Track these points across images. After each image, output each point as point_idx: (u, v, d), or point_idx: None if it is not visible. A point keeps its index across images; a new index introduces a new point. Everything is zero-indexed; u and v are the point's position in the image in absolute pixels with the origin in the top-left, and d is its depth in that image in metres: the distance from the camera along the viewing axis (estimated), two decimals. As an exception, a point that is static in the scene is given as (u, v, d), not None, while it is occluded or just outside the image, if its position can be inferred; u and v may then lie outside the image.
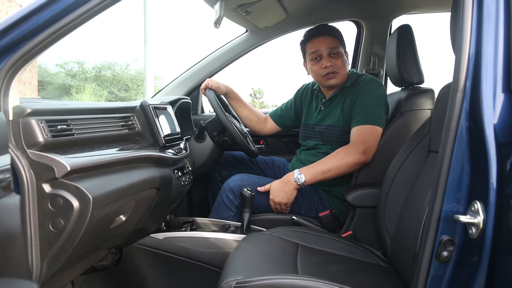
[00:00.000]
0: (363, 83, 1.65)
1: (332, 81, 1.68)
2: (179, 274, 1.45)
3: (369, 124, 1.55)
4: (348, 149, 1.54)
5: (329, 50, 1.65)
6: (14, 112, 0.86)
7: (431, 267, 0.73)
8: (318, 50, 1.66)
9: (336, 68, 1.66)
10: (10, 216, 0.76)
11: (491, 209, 0.67)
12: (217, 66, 2.16)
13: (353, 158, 1.51)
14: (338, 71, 1.66)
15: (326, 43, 1.66)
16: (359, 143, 1.52)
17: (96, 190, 0.93)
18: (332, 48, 1.65)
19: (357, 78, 1.70)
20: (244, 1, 1.64)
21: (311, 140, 1.78)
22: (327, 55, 1.66)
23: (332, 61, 1.66)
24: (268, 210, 1.63)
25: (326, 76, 1.67)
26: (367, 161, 1.53)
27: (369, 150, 1.52)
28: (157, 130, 1.36)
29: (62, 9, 0.86)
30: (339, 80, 1.68)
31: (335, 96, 1.71)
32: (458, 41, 0.75)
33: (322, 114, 1.75)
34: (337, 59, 1.66)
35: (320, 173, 1.53)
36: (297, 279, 0.94)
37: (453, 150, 0.72)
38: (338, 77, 1.67)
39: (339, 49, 1.67)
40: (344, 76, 1.69)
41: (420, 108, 1.55)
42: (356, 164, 1.53)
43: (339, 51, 1.67)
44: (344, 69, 1.68)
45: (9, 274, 0.77)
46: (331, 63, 1.65)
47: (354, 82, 1.69)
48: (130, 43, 21.01)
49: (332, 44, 1.66)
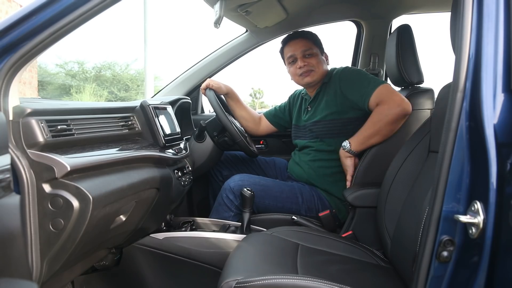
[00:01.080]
0: (338, 73, 1.69)
1: (307, 78, 1.73)
2: (179, 274, 1.44)
3: (377, 87, 1.55)
4: (381, 108, 1.51)
5: (303, 51, 1.72)
6: (14, 112, 0.86)
7: (431, 267, 0.73)
8: (293, 53, 1.74)
9: (311, 67, 1.72)
10: (10, 216, 0.76)
11: (491, 209, 0.67)
12: (217, 66, 2.16)
13: (393, 111, 1.48)
14: (313, 69, 1.72)
15: (300, 45, 1.73)
16: (388, 98, 1.50)
17: (96, 190, 0.93)
18: (305, 50, 1.72)
19: (332, 71, 1.74)
20: (244, 1, 1.64)
21: (300, 139, 1.81)
22: (302, 57, 1.72)
23: (306, 61, 1.72)
24: (268, 210, 1.63)
25: (302, 75, 1.73)
26: (409, 110, 1.49)
27: (402, 100, 1.49)
28: (157, 130, 1.36)
29: (62, 9, 0.86)
30: (314, 77, 1.72)
31: (318, 94, 1.76)
32: (458, 41, 0.75)
33: (309, 113, 1.78)
34: (311, 58, 1.72)
35: (365, 139, 1.54)
36: (297, 279, 0.94)
37: (453, 150, 0.72)
38: (313, 74, 1.72)
39: (313, 49, 1.73)
40: (320, 73, 1.73)
41: (420, 108, 1.55)
42: (400, 116, 1.48)
43: (313, 52, 1.73)
44: (319, 66, 1.72)
45: (9, 274, 0.77)
46: (305, 62, 1.72)
47: (330, 75, 1.73)
48: (130, 43, 21.02)
49: (305, 46, 1.72)
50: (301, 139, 1.80)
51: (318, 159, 1.69)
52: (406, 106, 1.48)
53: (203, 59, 2.18)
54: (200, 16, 18.17)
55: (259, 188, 1.59)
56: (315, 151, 1.71)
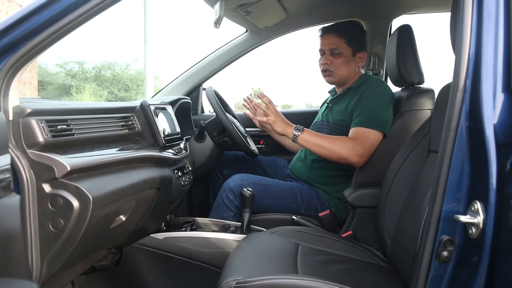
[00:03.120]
0: (368, 85, 1.63)
1: (327, 78, 1.71)
2: (179, 274, 1.44)
3: (370, 128, 1.52)
4: (347, 143, 1.50)
5: (331, 49, 1.67)
6: (14, 112, 0.86)
7: (431, 267, 0.73)
8: (322, 48, 1.71)
9: (332, 67, 1.68)
10: (10, 216, 0.76)
11: (491, 209, 0.67)
12: (217, 66, 2.16)
13: (346, 154, 1.48)
14: (333, 70, 1.68)
15: (330, 42, 1.67)
16: (359, 143, 1.50)
17: (96, 190, 0.93)
18: (334, 48, 1.67)
19: (366, 81, 1.67)
20: (244, 1, 1.64)
21: None
22: (329, 53, 1.68)
23: (330, 59, 1.67)
24: (268, 210, 1.63)
25: (324, 73, 1.72)
26: (357, 164, 1.51)
27: (364, 155, 1.50)
28: (157, 130, 1.36)
29: (62, 9, 0.86)
30: (335, 79, 1.70)
31: (342, 95, 1.72)
32: (458, 41, 0.75)
33: (328, 110, 1.77)
34: (337, 58, 1.67)
35: (313, 143, 1.52)
36: (297, 279, 0.94)
37: (453, 150, 0.72)
38: (333, 75, 1.69)
39: (341, 49, 1.66)
40: (341, 76, 1.69)
41: (420, 108, 1.55)
42: (345, 161, 1.50)
43: (341, 51, 1.66)
44: (342, 69, 1.67)
45: (9, 274, 0.77)
46: (328, 61, 1.68)
47: (361, 84, 1.66)
48: (130, 43, 21.01)
49: (334, 44, 1.66)
50: None
51: (323, 160, 1.65)
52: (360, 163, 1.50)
53: (203, 59, 2.18)
54: (200, 16, 18.17)
55: (259, 188, 1.59)
56: None
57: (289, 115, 1.93)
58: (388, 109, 1.57)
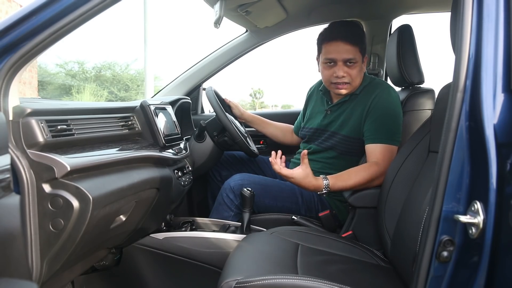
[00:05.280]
0: (377, 92, 1.54)
1: (342, 91, 1.58)
2: (179, 274, 1.44)
3: (389, 144, 1.48)
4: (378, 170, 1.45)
5: (345, 60, 1.53)
6: (14, 112, 0.86)
7: (431, 267, 0.73)
8: (334, 57, 1.54)
9: (349, 79, 1.55)
10: (10, 216, 0.76)
11: (491, 209, 0.67)
12: (217, 66, 2.16)
13: (380, 182, 1.44)
14: (350, 82, 1.56)
15: (344, 51, 1.52)
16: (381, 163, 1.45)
17: (96, 190, 0.93)
18: (350, 59, 1.53)
19: (369, 84, 1.60)
20: (244, 1, 1.64)
21: (314, 144, 1.71)
22: (343, 64, 1.54)
23: (346, 71, 1.53)
24: (268, 210, 1.63)
25: (335, 85, 1.57)
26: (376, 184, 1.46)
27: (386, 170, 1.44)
28: (157, 130, 1.36)
29: (62, 9, 0.86)
30: (349, 90, 1.58)
31: (344, 102, 1.63)
32: (458, 41, 0.75)
33: (328, 119, 1.67)
34: (353, 69, 1.54)
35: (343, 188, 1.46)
36: (297, 279, 0.94)
37: (453, 150, 0.72)
38: (349, 87, 1.57)
39: (356, 58, 1.53)
40: (356, 85, 1.59)
41: (420, 108, 1.55)
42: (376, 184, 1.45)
43: (356, 61, 1.54)
44: (358, 78, 1.57)
45: (9, 274, 0.77)
46: (345, 73, 1.53)
47: (366, 89, 1.59)
48: (130, 43, 21.03)
49: (350, 54, 1.52)
50: (314, 144, 1.71)
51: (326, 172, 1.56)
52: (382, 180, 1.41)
53: (203, 59, 2.18)
54: (200, 16, 18.19)
55: (259, 188, 1.59)
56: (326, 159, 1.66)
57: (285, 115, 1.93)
58: (401, 117, 1.53)
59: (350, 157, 1.63)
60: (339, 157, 1.64)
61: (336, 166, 1.62)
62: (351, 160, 1.62)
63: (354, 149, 1.61)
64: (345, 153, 1.63)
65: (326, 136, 1.68)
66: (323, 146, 1.68)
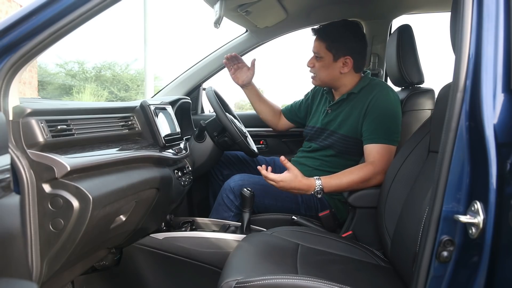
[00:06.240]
0: (375, 92, 1.56)
1: (312, 81, 1.71)
2: (179, 274, 1.44)
3: (387, 144, 1.49)
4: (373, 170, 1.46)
5: (314, 52, 1.66)
6: (14, 112, 0.86)
7: (431, 267, 0.73)
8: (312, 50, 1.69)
9: (313, 71, 1.67)
10: (10, 216, 0.76)
11: (491, 209, 0.67)
12: (217, 66, 2.16)
13: (377, 181, 1.45)
14: (315, 74, 1.67)
15: (314, 45, 1.66)
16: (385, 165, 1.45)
17: (96, 190, 0.93)
18: (315, 52, 1.65)
19: (368, 85, 1.61)
20: (244, 1, 1.64)
21: (314, 143, 1.73)
22: (314, 56, 1.67)
23: (313, 62, 1.66)
24: (268, 210, 1.63)
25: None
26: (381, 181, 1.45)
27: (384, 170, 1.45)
28: (157, 130, 1.36)
29: (62, 9, 0.86)
30: (317, 83, 1.70)
31: (342, 101, 1.65)
32: (458, 41, 0.75)
33: (329, 117, 1.69)
34: (318, 62, 1.65)
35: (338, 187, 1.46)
36: (297, 279, 0.94)
37: (453, 150, 0.72)
38: (315, 79, 1.68)
39: (321, 54, 1.62)
40: (323, 80, 1.66)
41: (420, 108, 1.55)
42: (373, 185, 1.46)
43: (321, 56, 1.62)
44: (321, 73, 1.64)
45: (9, 274, 0.77)
46: (311, 63, 1.67)
47: (364, 89, 1.60)
48: (130, 43, 21.01)
49: (315, 48, 1.64)
50: (315, 143, 1.73)
51: (325, 170, 1.61)
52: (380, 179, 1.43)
53: (203, 59, 2.18)
54: (200, 16, 18.17)
55: (259, 188, 1.59)
56: (325, 157, 1.67)
57: None
58: (400, 117, 1.54)
59: (349, 157, 1.63)
60: (338, 156, 1.65)
61: (335, 164, 1.63)
62: (350, 159, 1.62)
63: (352, 149, 1.62)
64: (343, 152, 1.64)
65: (325, 135, 1.69)
66: (322, 145, 1.70)
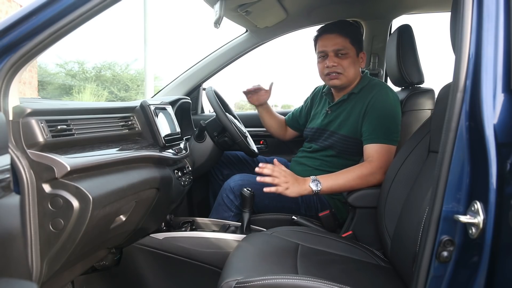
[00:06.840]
0: (374, 92, 1.56)
1: (334, 81, 1.61)
2: (179, 274, 1.44)
3: (386, 144, 1.49)
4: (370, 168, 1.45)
5: (336, 50, 1.58)
6: (14, 112, 0.86)
7: (431, 267, 0.73)
8: (325, 49, 1.60)
9: (340, 69, 1.58)
10: (10, 216, 0.76)
11: (491, 209, 0.67)
12: (217, 66, 2.16)
13: (375, 180, 1.44)
14: (342, 72, 1.59)
15: (334, 42, 1.58)
16: (383, 164, 1.45)
17: (96, 190, 0.93)
18: (339, 49, 1.57)
19: (367, 85, 1.61)
20: (244, 1, 1.64)
21: (315, 144, 1.73)
22: (334, 55, 1.58)
23: (337, 61, 1.58)
24: (268, 210, 1.63)
25: (329, 76, 1.61)
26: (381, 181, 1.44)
27: (383, 170, 1.45)
28: (157, 130, 1.36)
29: (62, 9, 0.86)
30: (343, 81, 1.61)
31: (343, 102, 1.64)
32: (458, 41, 0.75)
33: (329, 118, 1.69)
34: (344, 60, 1.58)
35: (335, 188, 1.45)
36: (297, 279, 0.94)
37: (453, 150, 0.72)
38: (342, 78, 1.60)
39: (347, 49, 1.58)
40: (350, 78, 1.60)
41: (420, 108, 1.55)
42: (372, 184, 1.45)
43: (347, 52, 1.58)
44: (350, 70, 1.59)
45: (9, 274, 0.77)
46: (335, 62, 1.58)
47: (364, 90, 1.60)
48: (130, 43, 21.03)
49: (339, 45, 1.57)
50: (315, 143, 1.73)
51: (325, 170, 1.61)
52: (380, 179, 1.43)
53: (203, 59, 2.18)
54: (200, 16, 18.19)
55: (259, 188, 1.58)
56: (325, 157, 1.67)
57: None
58: (399, 117, 1.53)
59: (349, 157, 1.63)
60: (338, 156, 1.65)
61: (335, 164, 1.64)
62: (350, 160, 1.62)
63: (352, 149, 1.62)
64: (343, 152, 1.64)
65: (326, 135, 1.69)
66: (322, 145, 1.70)
